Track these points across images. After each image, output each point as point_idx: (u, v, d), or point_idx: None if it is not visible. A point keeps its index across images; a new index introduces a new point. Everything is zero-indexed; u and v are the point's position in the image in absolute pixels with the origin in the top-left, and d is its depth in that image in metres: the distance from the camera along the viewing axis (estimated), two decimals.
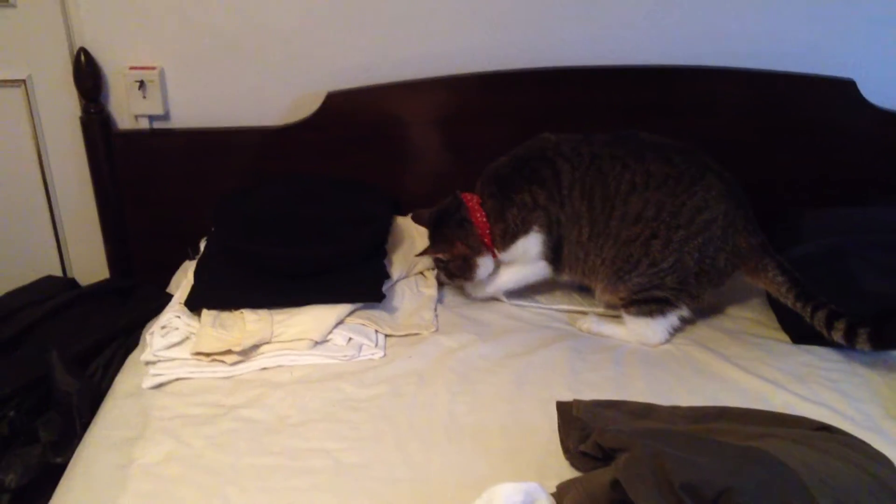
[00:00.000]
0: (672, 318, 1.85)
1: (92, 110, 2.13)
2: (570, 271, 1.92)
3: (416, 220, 2.02)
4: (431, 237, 1.95)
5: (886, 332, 1.63)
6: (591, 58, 2.17)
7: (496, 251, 1.91)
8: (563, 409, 1.47)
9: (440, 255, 1.92)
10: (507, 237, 1.89)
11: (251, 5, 2.10)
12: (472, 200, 1.92)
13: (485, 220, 1.90)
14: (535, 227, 1.87)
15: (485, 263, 1.92)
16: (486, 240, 1.90)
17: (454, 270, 1.93)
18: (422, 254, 1.96)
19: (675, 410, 1.47)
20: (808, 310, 1.74)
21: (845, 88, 2.14)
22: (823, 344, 1.79)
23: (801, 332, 1.82)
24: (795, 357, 1.79)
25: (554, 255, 1.90)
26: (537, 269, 1.93)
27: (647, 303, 1.84)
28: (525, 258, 1.91)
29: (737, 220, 1.82)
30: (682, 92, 2.19)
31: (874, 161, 2.21)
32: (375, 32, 2.15)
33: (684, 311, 1.86)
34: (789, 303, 1.78)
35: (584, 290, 2.01)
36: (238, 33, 2.12)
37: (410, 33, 2.16)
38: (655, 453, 1.20)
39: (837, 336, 1.69)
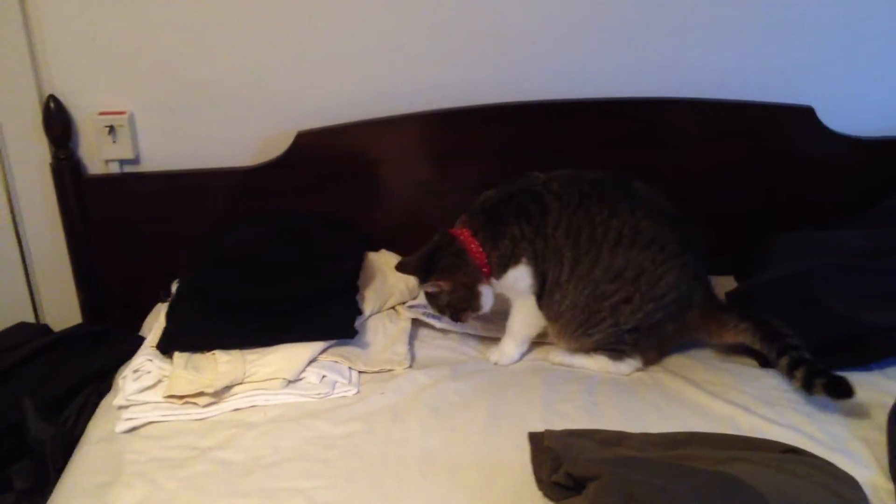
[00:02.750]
0: (631, 362, 1.87)
1: (62, 156, 2.13)
2: (543, 311, 1.91)
3: (402, 269, 1.97)
4: (426, 274, 1.89)
5: (841, 383, 1.65)
6: (561, 92, 2.19)
7: (493, 278, 1.89)
8: (535, 439, 1.48)
9: (441, 285, 1.87)
10: (501, 265, 1.87)
11: (219, 48, 2.12)
12: (463, 233, 1.90)
13: (480, 249, 1.87)
14: (524, 260, 1.86)
15: (487, 291, 1.89)
16: (484, 269, 1.88)
17: (458, 302, 1.89)
18: (422, 287, 1.91)
19: (646, 437, 1.49)
20: (774, 354, 1.76)
21: (804, 115, 2.18)
22: None
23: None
24: (763, 381, 1.81)
25: (541, 290, 1.89)
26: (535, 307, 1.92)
27: (605, 350, 1.87)
28: (517, 292, 1.90)
29: (694, 296, 1.84)
30: (650, 123, 2.23)
31: (835, 184, 2.25)
32: (345, 71, 2.17)
33: (638, 363, 1.88)
34: (757, 346, 1.80)
35: None
36: (207, 75, 2.14)
37: (379, 71, 2.18)
38: (625, 481, 1.22)
39: (796, 385, 1.71)
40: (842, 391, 1.65)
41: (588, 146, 2.20)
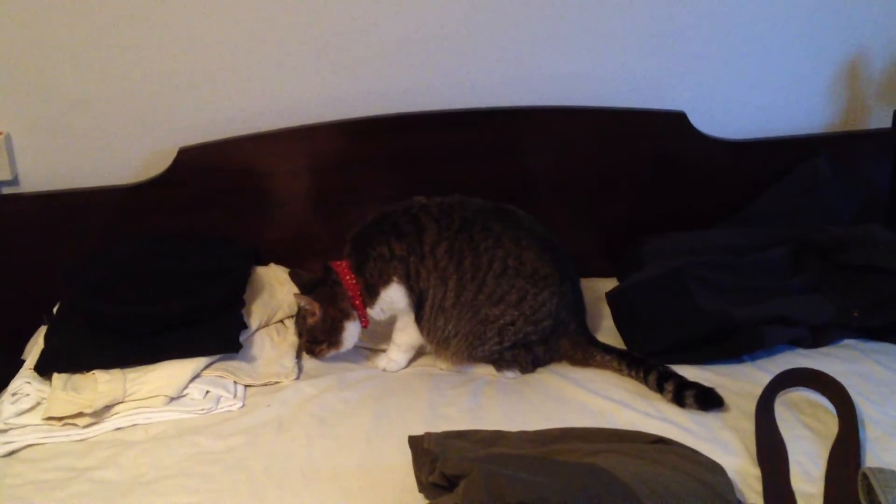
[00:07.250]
0: (509, 374, 1.91)
1: None
2: (426, 335, 1.92)
3: (292, 277, 2.00)
4: (306, 291, 1.91)
5: (710, 393, 1.73)
6: (441, 102, 2.22)
7: (367, 308, 1.90)
8: (415, 442, 1.49)
9: (313, 307, 1.87)
10: (369, 291, 1.89)
11: (96, 64, 2.10)
12: (340, 266, 1.91)
13: (354, 282, 1.89)
14: (395, 279, 1.87)
15: (352, 328, 1.90)
16: (356, 303, 1.89)
17: (319, 332, 1.89)
18: (297, 297, 1.91)
19: (521, 435, 1.53)
20: (641, 374, 1.82)
21: (677, 120, 2.25)
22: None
23: (647, 354, 1.88)
24: None
25: (418, 310, 1.90)
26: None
27: (489, 362, 1.91)
28: (397, 310, 1.91)
29: (569, 324, 1.91)
30: (528, 131, 2.27)
31: (709, 186, 2.32)
32: (227, 85, 2.17)
33: (517, 374, 1.91)
34: (623, 373, 1.86)
35: None
36: (84, 93, 2.12)
37: (262, 85, 2.19)
38: (492, 475, 1.25)
39: (668, 398, 1.76)
40: (712, 402, 1.72)
41: (469, 155, 2.23)
